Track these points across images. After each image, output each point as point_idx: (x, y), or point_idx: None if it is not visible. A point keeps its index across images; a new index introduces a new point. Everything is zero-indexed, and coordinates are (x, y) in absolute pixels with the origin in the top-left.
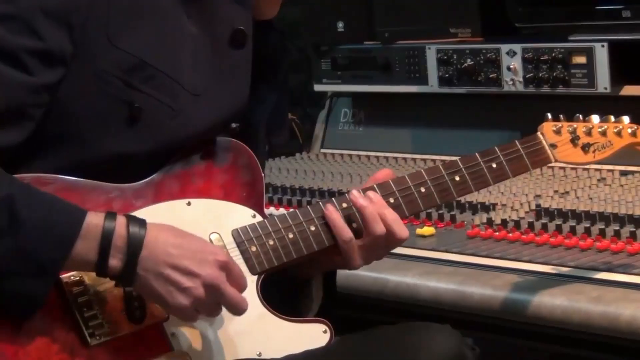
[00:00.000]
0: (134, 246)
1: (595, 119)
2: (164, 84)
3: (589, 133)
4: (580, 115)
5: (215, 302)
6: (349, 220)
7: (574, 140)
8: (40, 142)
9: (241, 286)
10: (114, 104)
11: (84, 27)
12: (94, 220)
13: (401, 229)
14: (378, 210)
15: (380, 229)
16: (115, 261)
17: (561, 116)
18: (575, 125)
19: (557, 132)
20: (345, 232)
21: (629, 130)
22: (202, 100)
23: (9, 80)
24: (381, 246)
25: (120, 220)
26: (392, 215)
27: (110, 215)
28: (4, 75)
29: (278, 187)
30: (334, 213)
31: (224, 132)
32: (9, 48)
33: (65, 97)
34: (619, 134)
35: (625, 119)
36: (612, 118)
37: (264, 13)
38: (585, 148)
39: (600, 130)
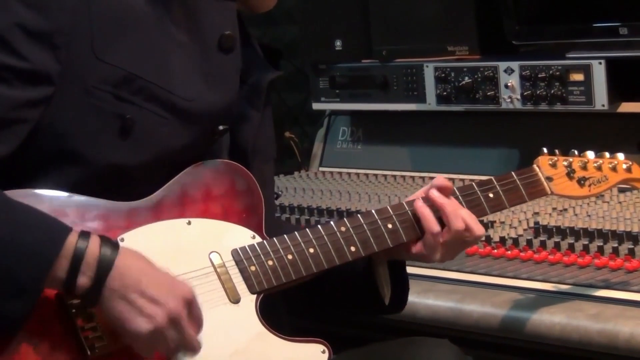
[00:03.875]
0: (104, 267)
1: (590, 154)
2: (154, 94)
3: (584, 167)
4: (576, 151)
5: (173, 337)
6: (348, 243)
7: (570, 174)
8: (39, 162)
9: (199, 327)
10: (106, 118)
11: (68, 46)
12: (71, 240)
13: (478, 226)
14: (456, 208)
15: (460, 224)
16: (83, 279)
17: (556, 150)
18: (570, 160)
19: (553, 165)
20: (434, 225)
21: (624, 166)
22: (193, 106)
23: None
24: (459, 242)
25: (94, 240)
26: (468, 213)
27: (84, 234)
28: None
29: (277, 205)
30: (423, 207)
31: (212, 134)
32: None
33: (57, 115)
34: (614, 169)
35: (620, 156)
36: (607, 154)
37: (262, 5)
38: (581, 182)
39: (595, 165)
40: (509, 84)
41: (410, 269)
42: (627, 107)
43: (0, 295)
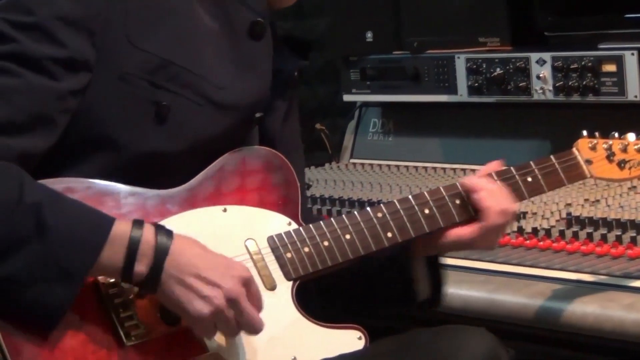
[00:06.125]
0: (160, 254)
1: (631, 136)
2: (189, 81)
3: (624, 150)
4: (616, 133)
5: (233, 317)
6: (384, 229)
7: (610, 157)
8: (75, 149)
9: (259, 306)
10: (141, 104)
11: (104, 33)
12: (122, 228)
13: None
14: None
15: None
16: (141, 267)
17: (596, 133)
18: (610, 142)
19: (593, 148)
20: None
21: None
22: (227, 93)
23: (34, 86)
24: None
25: (148, 229)
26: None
27: (138, 223)
28: (30, 81)
29: (308, 197)
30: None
31: (249, 122)
32: (33, 56)
33: (93, 102)
34: None
35: None
36: None
37: (282, 2)
38: (621, 164)
39: (636, 147)
40: (540, 75)
41: (444, 260)
42: None
43: (48, 281)
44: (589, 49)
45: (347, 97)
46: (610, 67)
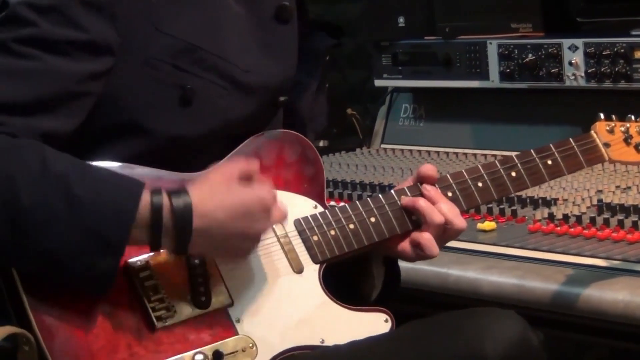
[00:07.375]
0: (184, 228)
1: None
2: (213, 65)
3: None
4: (632, 116)
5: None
6: (408, 212)
7: (627, 140)
8: (100, 134)
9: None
10: (166, 88)
11: (128, 17)
12: (145, 199)
13: (459, 219)
14: (433, 200)
15: (438, 218)
16: (167, 243)
17: (613, 116)
18: (628, 125)
19: (611, 131)
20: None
21: None
22: (252, 77)
23: (54, 69)
24: (439, 238)
25: (166, 202)
26: (447, 206)
27: (157, 194)
28: (50, 64)
29: (339, 181)
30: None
31: (274, 105)
32: (52, 39)
33: (118, 86)
34: None
35: None
36: None
37: None
38: (639, 147)
39: None
40: (572, 61)
41: (473, 246)
42: None
43: (91, 254)
44: (622, 35)
45: (378, 82)
46: None
